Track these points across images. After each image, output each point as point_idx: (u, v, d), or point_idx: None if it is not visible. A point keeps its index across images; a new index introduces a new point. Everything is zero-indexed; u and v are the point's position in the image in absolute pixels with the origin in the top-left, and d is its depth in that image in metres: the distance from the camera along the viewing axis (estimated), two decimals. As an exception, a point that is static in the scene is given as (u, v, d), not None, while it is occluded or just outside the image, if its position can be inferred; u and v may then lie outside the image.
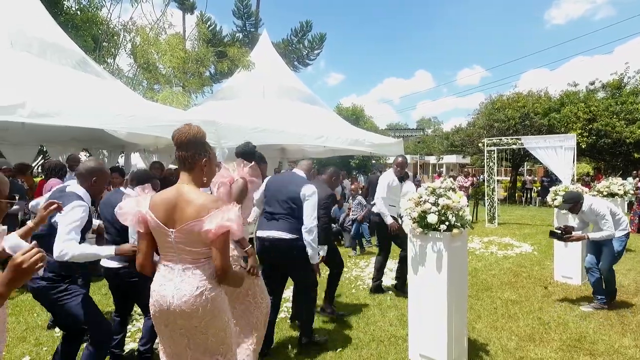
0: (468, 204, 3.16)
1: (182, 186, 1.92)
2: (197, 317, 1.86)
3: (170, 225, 1.87)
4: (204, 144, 1.97)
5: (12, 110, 4.25)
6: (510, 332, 3.85)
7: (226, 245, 1.84)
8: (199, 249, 1.87)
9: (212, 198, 1.91)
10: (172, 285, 1.87)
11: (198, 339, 1.91)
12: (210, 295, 1.87)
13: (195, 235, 1.83)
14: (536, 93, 19.63)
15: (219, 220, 1.78)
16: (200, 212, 1.81)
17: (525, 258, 7.18)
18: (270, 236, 3.24)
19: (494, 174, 11.81)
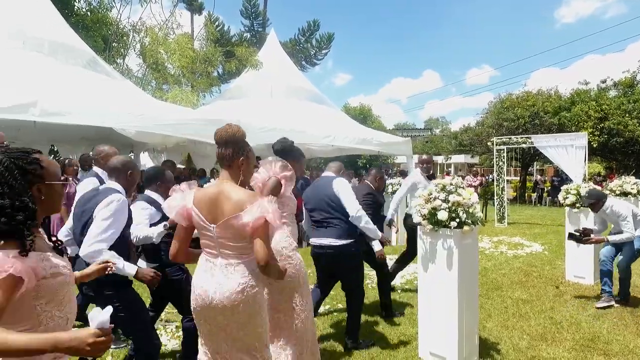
0: (478, 202, 3.12)
1: (222, 183, 1.98)
2: (237, 313, 1.89)
3: (212, 220, 1.92)
4: (243, 143, 2.02)
5: (25, 109, 4.32)
6: (521, 331, 3.80)
7: (266, 236, 1.85)
8: (240, 244, 1.91)
9: (249, 193, 1.95)
10: (215, 281, 1.91)
11: (236, 335, 1.94)
12: (252, 292, 1.91)
13: (236, 230, 1.87)
14: (546, 92, 19.41)
15: (256, 212, 1.82)
16: (238, 207, 1.86)
17: (535, 257, 7.10)
18: (320, 244, 3.31)
19: (504, 174, 11.70)
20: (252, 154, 2.07)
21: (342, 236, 3.24)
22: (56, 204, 1.40)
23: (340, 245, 3.23)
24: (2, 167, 1.23)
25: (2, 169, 1.23)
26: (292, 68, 10.96)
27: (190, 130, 5.90)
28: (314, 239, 3.37)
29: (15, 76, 4.69)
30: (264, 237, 1.84)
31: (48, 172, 1.33)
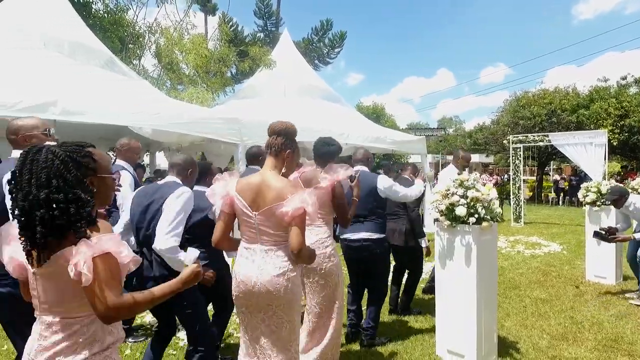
0: (497, 197, 3.07)
1: (265, 172, 2.09)
2: (278, 298, 1.99)
3: (254, 208, 2.02)
4: (293, 138, 2.16)
5: (45, 109, 4.40)
6: (541, 330, 3.73)
7: (302, 225, 1.95)
8: (279, 232, 2.01)
9: (291, 183, 2.07)
10: (255, 266, 2.01)
11: (273, 326, 2.03)
12: (292, 276, 2.01)
13: (276, 218, 1.96)
14: (563, 89, 19.04)
15: (296, 203, 1.91)
16: (280, 196, 1.96)
17: (554, 257, 6.96)
18: (358, 237, 3.31)
19: (520, 172, 11.51)
20: (298, 150, 2.20)
21: (378, 231, 3.32)
22: (108, 197, 1.45)
23: (375, 239, 3.30)
24: (58, 161, 1.25)
25: (58, 162, 1.25)
26: (306, 67, 10.96)
27: (205, 129, 5.94)
28: (349, 234, 3.35)
29: (36, 76, 4.79)
30: (300, 226, 1.94)
31: (100, 165, 1.36)
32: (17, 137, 2.19)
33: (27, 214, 1.22)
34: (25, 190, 1.23)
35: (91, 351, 1.29)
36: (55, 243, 1.24)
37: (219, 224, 2.15)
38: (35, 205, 1.21)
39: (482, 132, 21.28)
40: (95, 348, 1.30)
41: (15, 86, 4.37)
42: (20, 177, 1.25)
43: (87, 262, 1.19)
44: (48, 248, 1.24)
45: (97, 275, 1.21)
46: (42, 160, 1.25)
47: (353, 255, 3.42)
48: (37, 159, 1.25)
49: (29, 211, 1.22)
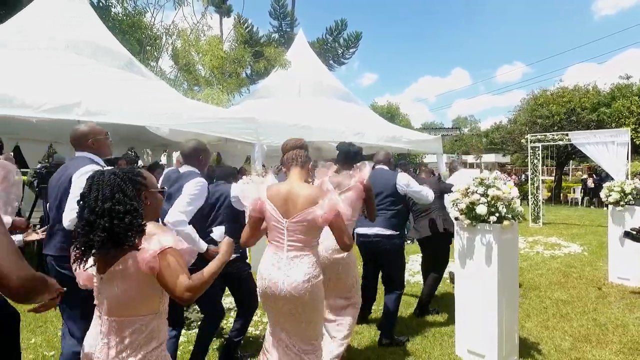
0: (518, 196, 3.03)
1: (292, 181, 2.24)
2: (303, 303, 2.10)
3: (285, 215, 2.14)
4: (306, 151, 2.37)
5: (69, 110, 4.52)
6: (563, 332, 3.66)
7: (342, 223, 2.11)
8: (308, 237, 2.13)
9: (317, 189, 2.22)
10: (282, 273, 2.11)
11: (298, 327, 2.16)
12: (316, 282, 2.12)
13: (308, 223, 2.10)
14: (583, 87, 18.63)
15: (327, 206, 2.05)
16: (310, 202, 2.10)
17: (574, 258, 6.82)
18: (371, 233, 3.39)
19: (538, 172, 11.30)
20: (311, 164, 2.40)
21: (391, 227, 3.36)
22: (158, 210, 1.68)
23: (388, 235, 3.35)
24: (118, 179, 1.51)
25: (119, 180, 1.50)
26: (321, 67, 10.96)
27: (222, 129, 6.00)
28: (363, 229, 3.42)
29: (60, 78, 4.91)
30: (339, 224, 2.10)
31: (149, 182, 1.61)
32: (87, 141, 2.51)
33: (91, 224, 1.43)
34: (92, 205, 1.45)
35: (149, 347, 1.48)
36: (113, 252, 1.44)
37: (248, 226, 2.29)
38: (100, 215, 1.43)
39: (498, 131, 21.00)
40: (153, 344, 1.49)
41: (40, 88, 4.49)
42: (89, 195, 1.48)
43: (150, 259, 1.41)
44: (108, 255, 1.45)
45: (167, 267, 1.42)
46: (106, 179, 1.50)
47: (366, 250, 3.54)
48: (102, 179, 1.50)
49: (93, 221, 1.43)
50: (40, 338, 3.60)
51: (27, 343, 3.45)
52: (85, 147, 2.51)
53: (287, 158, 2.31)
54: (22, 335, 3.42)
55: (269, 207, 2.17)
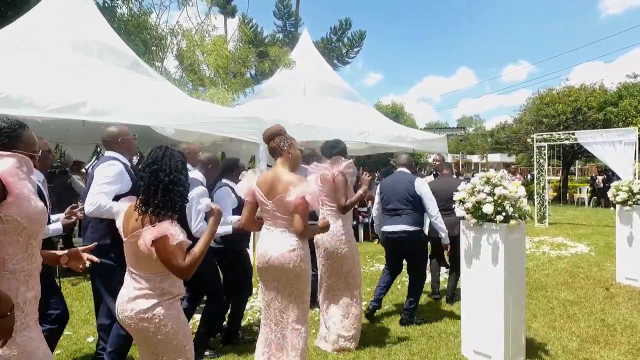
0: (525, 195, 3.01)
1: (276, 169, 2.54)
2: (289, 270, 2.43)
3: (269, 197, 2.47)
4: (285, 136, 2.58)
5: (75, 109, 4.55)
6: (570, 332, 3.62)
7: (304, 211, 2.40)
8: (290, 217, 2.44)
9: (296, 177, 2.48)
10: (272, 244, 2.47)
11: (286, 291, 2.47)
12: (301, 253, 2.45)
13: (285, 205, 2.41)
14: (590, 86, 18.45)
15: (299, 193, 2.35)
16: (287, 187, 2.40)
17: (581, 258, 6.76)
18: (397, 230, 3.79)
19: (544, 171, 11.22)
20: (295, 143, 2.62)
21: (414, 224, 3.78)
22: None
23: (412, 231, 3.76)
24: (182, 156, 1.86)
25: (182, 158, 1.86)
26: (325, 66, 10.95)
27: (227, 128, 6.01)
28: (389, 226, 3.85)
29: (66, 78, 4.94)
30: (301, 213, 2.39)
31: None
32: (117, 141, 2.80)
33: (166, 188, 1.76)
34: (167, 171, 1.78)
35: (162, 299, 1.80)
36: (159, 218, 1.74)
37: (245, 210, 2.66)
38: (174, 182, 1.78)
39: (504, 130, 20.85)
40: (165, 297, 1.81)
41: (46, 88, 4.52)
42: (162, 162, 1.79)
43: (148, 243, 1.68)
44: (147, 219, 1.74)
45: (163, 250, 1.70)
46: (176, 155, 1.85)
47: (393, 245, 3.92)
48: (173, 153, 1.84)
49: (167, 185, 1.76)
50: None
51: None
52: (115, 146, 2.80)
53: (270, 149, 2.58)
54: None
55: (257, 193, 2.52)
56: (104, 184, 2.62)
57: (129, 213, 1.85)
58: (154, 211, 1.74)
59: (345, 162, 3.27)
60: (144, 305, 1.78)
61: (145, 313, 1.78)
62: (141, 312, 1.78)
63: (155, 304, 1.78)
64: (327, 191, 3.26)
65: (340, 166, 3.25)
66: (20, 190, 1.43)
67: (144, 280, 1.80)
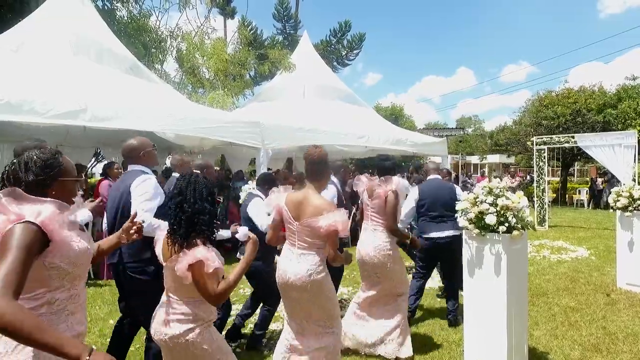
0: (527, 206, 3.01)
1: (308, 191, 2.57)
2: (306, 291, 2.48)
3: (295, 218, 2.51)
4: (327, 162, 2.66)
5: (75, 115, 4.54)
6: (572, 341, 3.62)
7: (335, 239, 2.43)
8: (314, 240, 2.48)
9: (327, 202, 2.55)
10: (291, 265, 2.51)
11: (307, 310, 2.54)
12: (318, 277, 2.47)
13: (312, 229, 2.43)
14: (589, 88, 18.48)
15: (330, 221, 2.36)
16: (317, 211, 2.42)
17: (581, 263, 6.76)
18: (445, 235, 3.95)
19: (544, 174, 11.23)
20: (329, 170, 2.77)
21: (457, 228, 3.73)
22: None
23: (459, 235, 3.70)
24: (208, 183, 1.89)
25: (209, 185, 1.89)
26: (325, 69, 10.95)
27: (228, 133, 6.01)
28: (435, 233, 3.98)
29: (66, 83, 4.92)
30: (333, 241, 2.43)
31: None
32: (140, 154, 2.77)
33: (189, 218, 1.79)
34: (192, 201, 1.81)
35: (196, 324, 1.82)
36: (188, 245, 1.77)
37: (271, 227, 2.72)
38: (198, 212, 1.81)
39: (504, 132, 20.87)
40: (199, 322, 1.83)
41: (46, 93, 4.50)
42: (186, 192, 1.83)
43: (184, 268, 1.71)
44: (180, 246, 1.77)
45: (198, 275, 1.72)
46: (201, 182, 1.87)
47: (439, 251, 4.03)
48: (197, 180, 1.86)
49: (191, 216, 1.79)
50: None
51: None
52: (137, 159, 2.77)
53: (307, 170, 2.65)
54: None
55: (284, 212, 2.56)
56: (145, 201, 2.56)
57: (166, 240, 1.89)
58: (181, 242, 1.78)
59: (399, 181, 3.41)
60: (177, 330, 1.81)
61: (179, 338, 1.81)
62: (175, 336, 1.81)
63: (189, 329, 1.81)
64: (376, 206, 3.39)
65: (392, 184, 3.35)
66: (62, 236, 1.41)
67: (180, 305, 1.83)
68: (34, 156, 1.48)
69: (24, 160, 1.47)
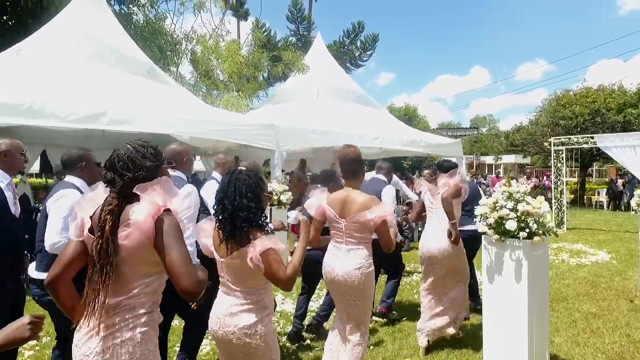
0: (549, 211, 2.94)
1: (348, 189, 2.71)
2: (353, 287, 2.59)
3: (341, 216, 2.64)
4: (361, 161, 2.79)
5: (95, 119, 4.62)
6: (594, 348, 3.53)
7: (386, 228, 2.59)
8: (362, 235, 2.62)
9: (370, 197, 2.65)
10: (339, 262, 2.63)
11: (350, 308, 2.63)
12: (367, 271, 2.61)
13: (361, 224, 2.58)
14: (608, 87, 18.07)
15: (378, 213, 2.53)
16: (363, 207, 2.56)
17: (602, 267, 6.61)
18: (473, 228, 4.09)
19: (562, 175, 11.01)
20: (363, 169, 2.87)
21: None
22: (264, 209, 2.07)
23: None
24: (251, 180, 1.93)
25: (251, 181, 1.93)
26: (339, 70, 10.92)
27: (242, 136, 6.04)
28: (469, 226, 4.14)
29: (85, 87, 5.01)
30: (384, 229, 2.57)
31: (266, 186, 2.04)
32: (183, 160, 2.86)
33: (231, 214, 1.85)
34: (232, 198, 1.87)
35: (262, 313, 1.89)
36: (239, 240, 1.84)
37: (312, 227, 2.73)
38: (237, 209, 1.85)
39: (519, 132, 20.53)
40: (265, 312, 1.91)
41: (67, 98, 4.59)
42: (227, 189, 1.89)
43: (257, 257, 1.78)
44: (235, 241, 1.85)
45: (267, 263, 1.79)
46: (242, 179, 1.91)
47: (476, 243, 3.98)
48: (239, 177, 1.91)
49: (232, 212, 1.85)
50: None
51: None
52: (180, 165, 2.84)
53: (343, 170, 2.74)
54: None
55: (328, 211, 2.68)
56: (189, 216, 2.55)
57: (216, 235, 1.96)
58: (238, 238, 1.85)
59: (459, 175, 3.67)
60: (247, 321, 1.86)
61: (249, 329, 1.85)
62: (245, 327, 1.85)
63: (257, 320, 1.87)
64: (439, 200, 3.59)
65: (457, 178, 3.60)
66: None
67: (246, 295, 1.89)
68: (145, 145, 1.60)
69: (136, 149, 1.56)
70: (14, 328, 1.31)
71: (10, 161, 2.65)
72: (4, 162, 2.63)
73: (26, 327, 1.31)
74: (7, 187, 2.59)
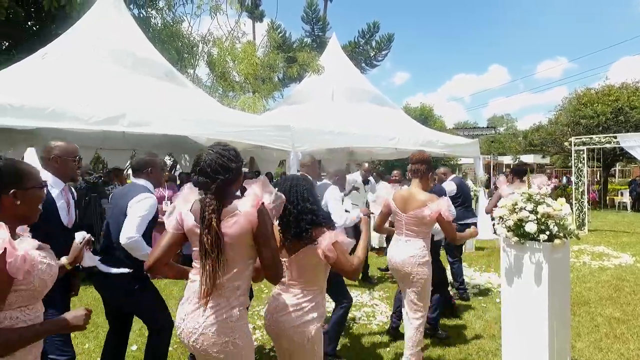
0: (570, 214, 2.88)
1: (413, 187, 3.08)
2: (410, 274, 2.98)
3: (403, 210, 3.04)
4: (429, 165, 3.10)
5: (115, 121, 4.72)
6: (618, 354, 3.44)
7: (442, 221, 2.91)
8: (420, 228, 3.00)
9: (430, 195, 2.98)
10: (397, 250, 3.07)
11: (409, 287, 3.01)
12: (422, 261, 2.97)
13: (419, 219, 2.96)
14: (632, 84, 17.51)
15: (433, 209, 2.88)
16: (422, 205, 2.93)
17: (626, 270, 6.42)
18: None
19: (583, 176, 10.74)
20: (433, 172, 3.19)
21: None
22: None
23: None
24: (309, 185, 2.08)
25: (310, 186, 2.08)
26: (354, 71, 10.89)
27: (258, 137, 6.08)
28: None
29: (105, 90, 5.13)
30: (444, 222, 2.91)
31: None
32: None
33: (296, 218, 1.98)
34: (295, 202, 2.00)
35: (318, 312, 2.01)
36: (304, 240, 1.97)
37: (378, 217, 3.29)
38: (302, 212, 1.98)
39: (538, 132, 20.10)
40: (320, 311, 2.03)
41: (88, 100, 4.71)
42: (289, 195, 2.00)
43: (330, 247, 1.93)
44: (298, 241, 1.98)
45: (337, 254, 1.94)
46: (301, 184, 2.06)
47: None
48: (298, 184, 2.05)
49: (297, 216, 1.98)
50: (93, 343, 3.76)
51: (81, 348, 3.61)
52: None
53: (411, 170, 3.09)
54: (77, 340, 3.59)
55: (392, 205, 3.10)
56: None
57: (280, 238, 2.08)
58: (293, 239, 1.99)
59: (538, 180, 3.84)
60: (299, 320, 1.96)
61: (299, 328, 1.96)
62: (296, 326, 1.96)
63: (309, 320, 1.97)
64: None
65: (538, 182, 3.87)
66: None
67: (305, 295, 2.01)
68: (227, 149, 1.78)
69: (220, 154, 1.75)
70: (72, 316, 1.53)
71: (62, 168, 2.47)
72: (56, 169, 2.44)
73: (82, 318, 1.54)
74: (60, 194, 2.42)
